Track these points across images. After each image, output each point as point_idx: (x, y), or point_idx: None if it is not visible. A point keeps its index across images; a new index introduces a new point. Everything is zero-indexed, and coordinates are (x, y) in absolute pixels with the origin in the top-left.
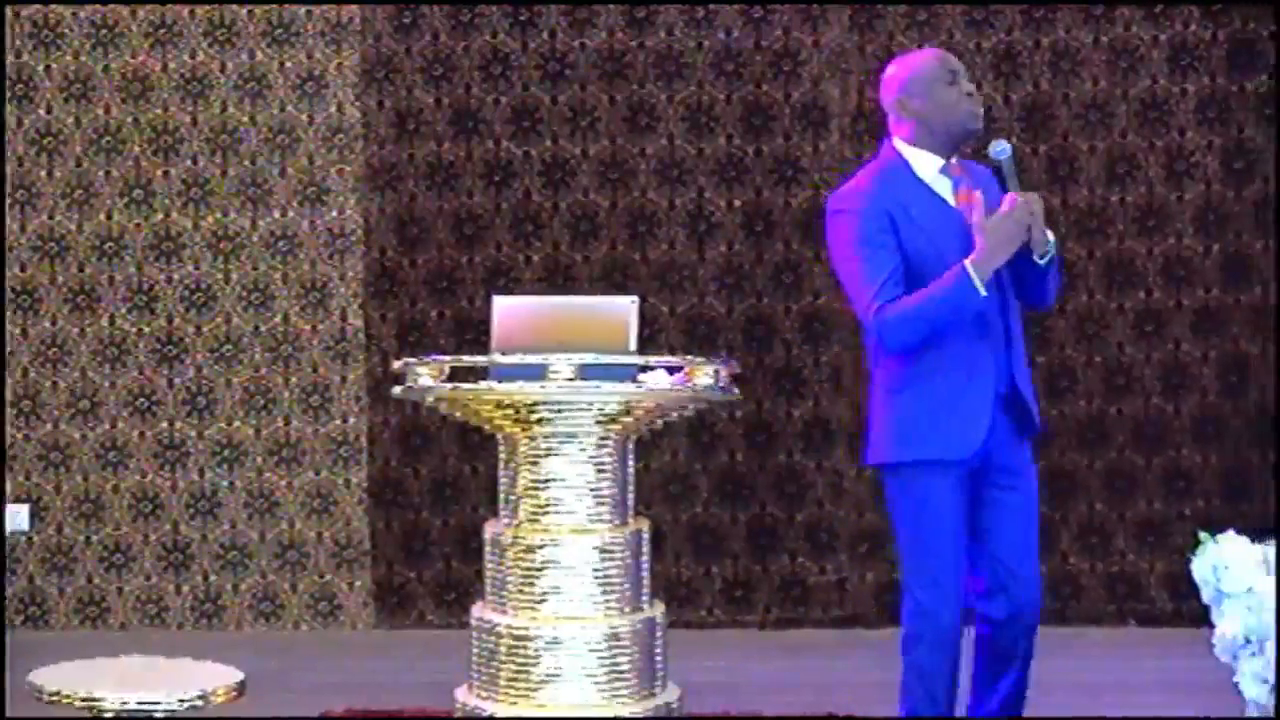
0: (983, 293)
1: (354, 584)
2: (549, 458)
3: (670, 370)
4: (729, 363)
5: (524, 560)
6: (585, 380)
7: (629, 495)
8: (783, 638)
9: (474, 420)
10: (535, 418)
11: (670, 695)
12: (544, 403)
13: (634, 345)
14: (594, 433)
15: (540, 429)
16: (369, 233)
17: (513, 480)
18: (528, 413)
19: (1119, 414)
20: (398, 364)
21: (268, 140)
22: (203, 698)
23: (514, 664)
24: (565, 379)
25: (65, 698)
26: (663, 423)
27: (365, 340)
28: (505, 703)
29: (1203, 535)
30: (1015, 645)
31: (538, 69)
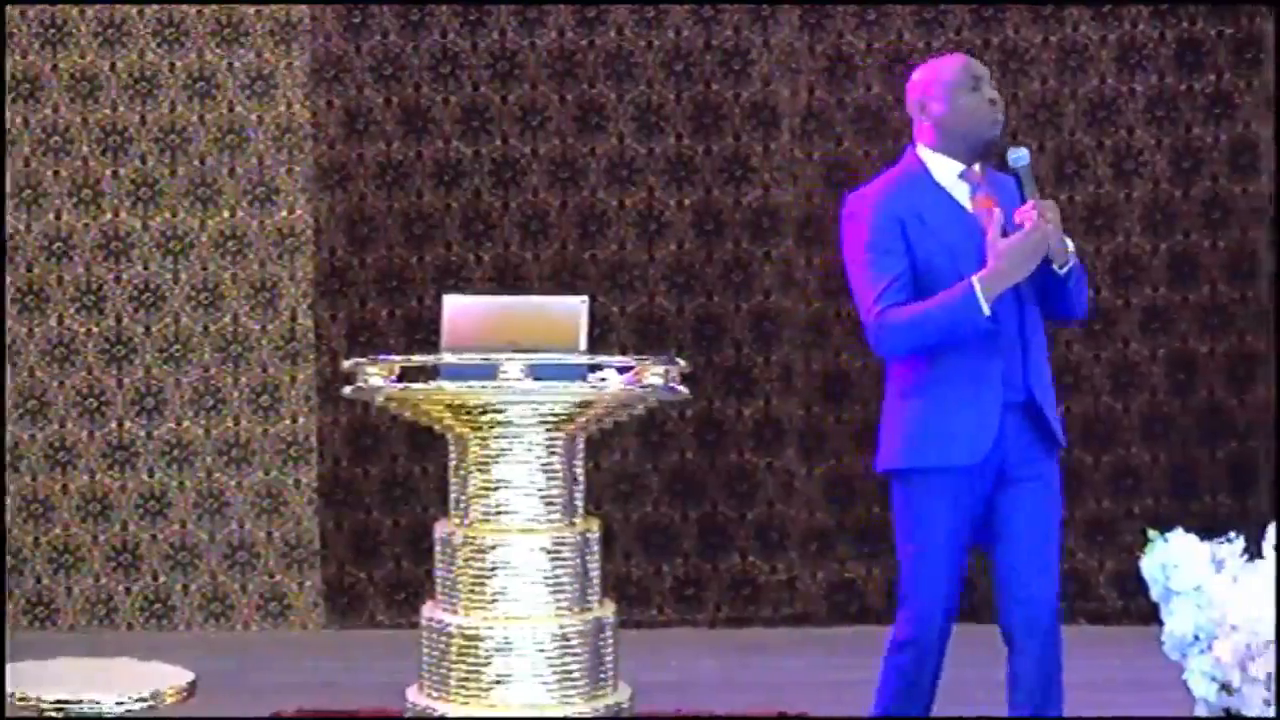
0: (986, 312)
1: (304, 584)
2: (499, 458)
3: (620, 370)
4: (679, 362)
5: (474, 560)
6: (535, 380)
7: (579, 495)
8: (733, 636)
9: (424, 420)
10: (485, 418)
11: (621, 695)
12: (494, 403)
13: (584, 345)
14: (544, 432)
15: (490, 429)
16: (318, 232)
17: (463, 480)
18: (478, 413)
19: (1068, 412)
20: (348, 364)
21: (216, 140)
22: (152, 698)
23: (464, 664)
24: (515, 379)
25: (17, 700)
26: (613, 422)
27: (315, 340)
28: (456, 703)
29: (1151, 533)
30: (1030, 654)
31: (487, 68)
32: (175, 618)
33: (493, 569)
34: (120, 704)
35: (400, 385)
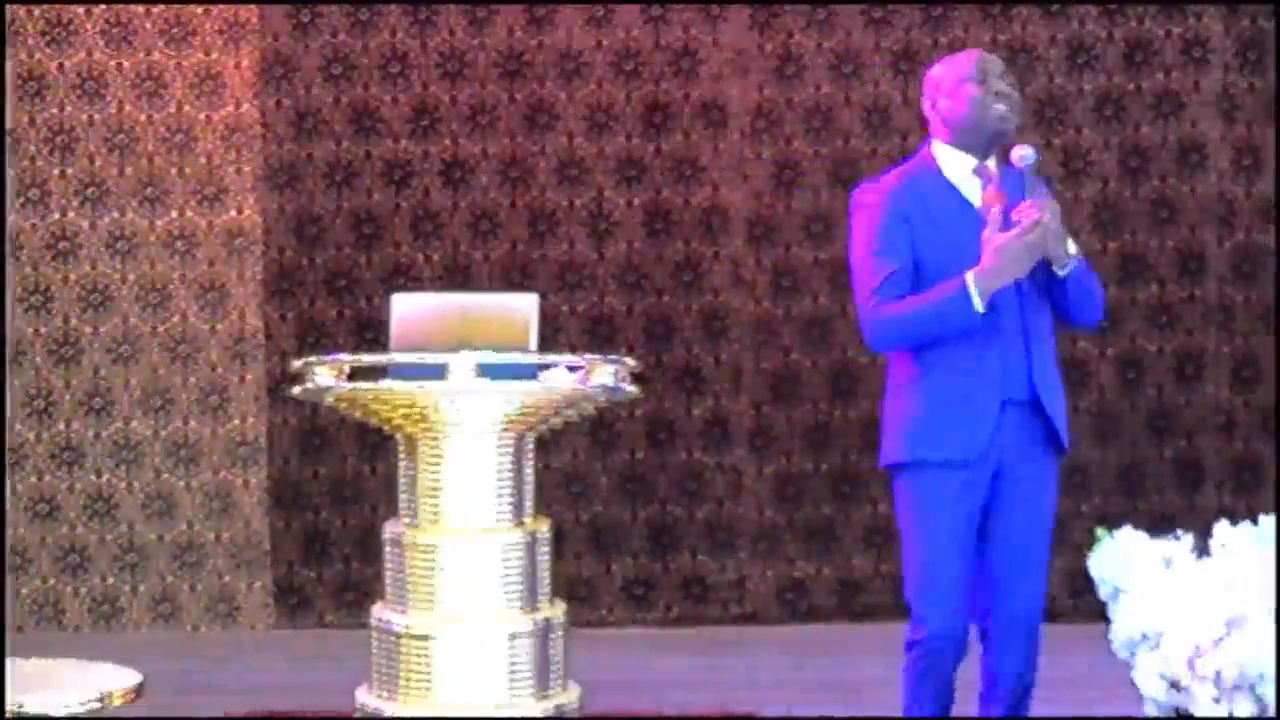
0: (979, 309)
1: (253, 585)
2: (448, 457)
3: (570, 368)
4: (629, 361)
5: (423, 560)
6: (485, 379)
7: (528, 494)
8: (683, 636)
9: (373, 420)
10: (434, 417)
11: (570, 695)
12: (443, 402)
13: (534, 344)
14: (494, 432)
15: (439, 429)
16: (267, 232)
17: (412, 480)
18: (427, 412)
19: None
20: (297, 364)
21: (165, 140)
22: (100, 700)
23: (414, 664)
24: (465, 378)
25: None
26: (563, 421)
27: (264, 340)
28: (405, 703)
29: (1100, 531)
30: (1011, 654)
31: (437, 68)
32: (123, 619)
33: (442, 569)
34: (67, 706)
35: (349, 385)
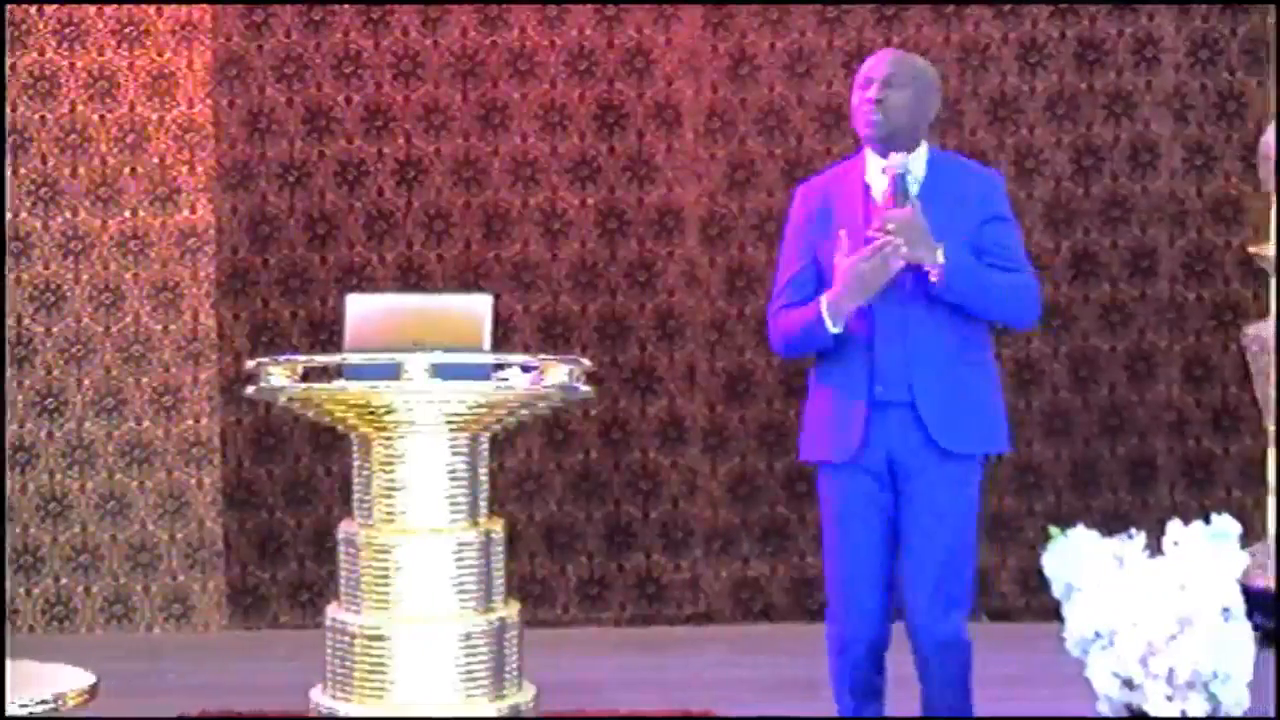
0: (833, 330)
1: (207, 585)
2: (403, 458)
3: (524, 369)
4: (583, 361)
5: (377, 560)
6: (439, 379)
7: (483, 494)
8: (638, 635)
9: (327, 420)
10: (389, 417)
11: (525, 694)
12: (397, 402)
13: (488, 344)
14: (448, 432)
15: (394, 429)
16: (220, 232)
17: (366, 480)
18: (381, 412)
19: None
20: (250, 364)
21: (117, 140)
22: (54, 701)
23: (368, 664)
24: (419, 378)
25: None
26: (517, 421)
27: (217, 340)
28: (360, 703)
29: (1053, 530)
30: (922, 665)
31: (390, 68)
32: (77, 620)
33: (396, 569)
34: (23, 707)
35: (303, 385)
